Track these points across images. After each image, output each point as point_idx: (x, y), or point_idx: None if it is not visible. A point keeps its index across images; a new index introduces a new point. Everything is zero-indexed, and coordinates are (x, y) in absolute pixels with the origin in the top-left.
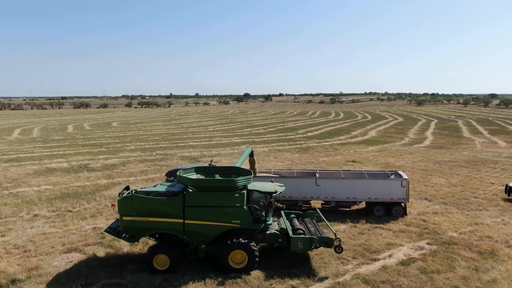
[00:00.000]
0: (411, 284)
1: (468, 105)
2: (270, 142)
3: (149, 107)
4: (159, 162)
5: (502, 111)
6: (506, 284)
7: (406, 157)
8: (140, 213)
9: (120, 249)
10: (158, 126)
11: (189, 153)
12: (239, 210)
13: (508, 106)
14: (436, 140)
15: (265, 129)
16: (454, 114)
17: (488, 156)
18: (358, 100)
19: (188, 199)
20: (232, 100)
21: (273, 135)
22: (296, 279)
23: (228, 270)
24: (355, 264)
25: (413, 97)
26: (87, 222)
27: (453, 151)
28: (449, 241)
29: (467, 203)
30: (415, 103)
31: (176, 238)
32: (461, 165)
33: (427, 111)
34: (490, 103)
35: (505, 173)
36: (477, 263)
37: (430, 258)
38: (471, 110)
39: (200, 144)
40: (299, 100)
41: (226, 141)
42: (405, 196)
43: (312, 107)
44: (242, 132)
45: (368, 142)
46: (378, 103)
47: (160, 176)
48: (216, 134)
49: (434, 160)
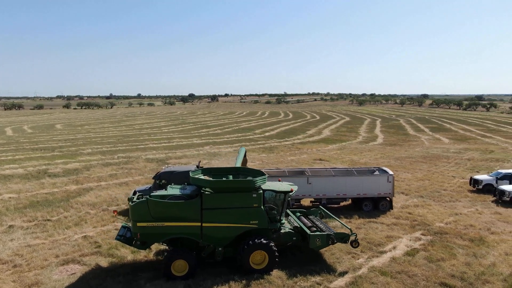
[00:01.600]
0: (424, 272)
1: (404, 104)
2: (232, 143)
3: (90, 108)
4: (126, 166)
5: (435, 111)
6: (504, 266)
7: (367, 155)
8: (156, 218)
9: (123, 258)
10: (108, 128)
11: (153, 155)
12: (256, 210)
13: (440, 105)
14: (387, 138)
15: (221, 129)
16: (394, 113)
17: (438, 152)
18: (303, 100)
19: (205, 201)
20: (177, 101)
21: (231, 136)
22: (317, 276)
23: (248, 271)
24: (366, 258)
25: (354, 97)
26: (74, 231)
27: (406, 148)
28: (439, 231)
29: (440, 195)
30: (357, 103)
31: (191, 242)
32: (419, 161)
33: (369, 110)
34: (424, 103)
35: (459, 167)
36: (473, 249)
37: (430, 248)
38: (407, 109)
39: (160, 146)
40: (245, 101)
41: (186, 142)
42: (391, 191)
43: (260, 108)
44: (199, 133)
45: (326, 141)
46: (322, 103)
47: (133, 180)
48: (173, 135)
49: (393, 157)
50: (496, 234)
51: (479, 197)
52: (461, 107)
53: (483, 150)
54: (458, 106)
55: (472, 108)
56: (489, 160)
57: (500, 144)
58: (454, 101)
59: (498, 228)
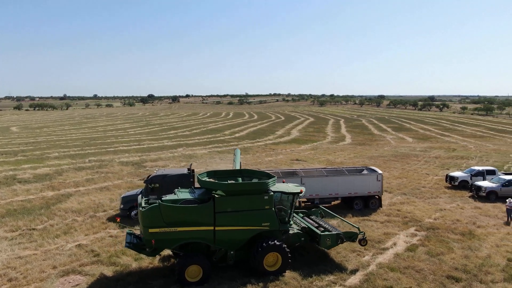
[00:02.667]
0: (429, 267)
1: (363, 105)
2: (205, 144)
3: (44, 109)
4: (100, 170)
5: (393, 111)
6: (499, 258)
7: (341, 154)
8: (169, 223)
9: (127, 265)
10: (69, 131)
11: (126, 158)
12: (268, 212)
13: (396, 106)
14: (355, 138)
15: (189, 131)
16: (355, 113)
17: (406, 151)
18: (265, 101)
19: (217, 204)
20: (136, 102)
21: (202, 137)
22: (330, 275)
23: (262, 274)
24: (371, 255)
25: (314, 98)
26: (65, 240)
27: (375, 147)
28: (431, 227)
29: (421, 192)
30: (318, 103)
31: (201, 246)
32: (391, 160)
33: (331, 111)
34: (381, 104)
35: (430, 165)
36: (466, 243)
37: (427, 243)
38: (367, 109)
39: (132, 148)
40: (207, 102)
41: (158, 145)
42: (380, 189)
43: (223, 109)
44: (167, 134)
45: (297, 141)
46: (284, 104)
47: (113, 184)
48: (141, 137)
49: (366, 156)
50: (482, 227)
51: (457, 193)
52: (416, 107)
53: (446, 149)
54: (414, 107)
55: (426, 108)
56: (454, 158)
57: (460, 143)
58: (409, 101)
59: (482, 222)
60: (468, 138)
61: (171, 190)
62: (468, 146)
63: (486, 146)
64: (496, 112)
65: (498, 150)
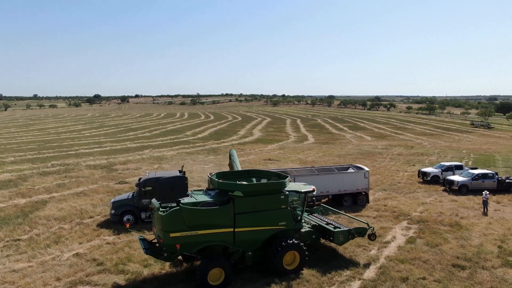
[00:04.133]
0: (433, 257)
1: (315, 105)
2: (170, 146)
3: None
4: (69, 174)
5: (344, 111)
6: (490, 245)
7: (310, 153)
8: (190, 227)
9: (139, 273)
10: (18, 133)
11: (93, 161)
12: (284, 212)
13: (347, 106)
14: (317, 137)
15: (149, 132)
16: (309, 113)
17: (369, 149)
18: (218, 101)
19: (237, 205)
20: (82, 102)
21: (164, 138)
22: (346, 270)
23: (281, 273)
24: (376, 249)
25: (266, 98)
26: (59, 250)
27: (339, 145)
28: (421, 220)
29: (398, 188)
30: (271, 103)
31: (219, 248)
32: (359, 157)
33: (285, 111)
34: (332, 103)
35: (396, 162)
36: (457, 234)
37: (423, 235)
38: (319, 109)
39: (94, 151)
40: (158, 102)
41: (121, 147)
42: (367, 186)
43: (176, 109)
44: (127, 136)
45: (262, 141)
46: (238, 104)
47: (89, 189)
48: (100, 139)
49: (334, 154)
50: (465, 218)
51: (431, 188)
52: (365, 107)
53: (405, 146)
54: (363, 106)
55: (375, 108)
56: (415, 154)
57: (414, 140)
58: (358, 101)
59: (463, 213)
60: (420, 136)
61: (165, 192)
62: (423, 143)
63: (438, 143)
64: (437, 111)
65: (450, 146)
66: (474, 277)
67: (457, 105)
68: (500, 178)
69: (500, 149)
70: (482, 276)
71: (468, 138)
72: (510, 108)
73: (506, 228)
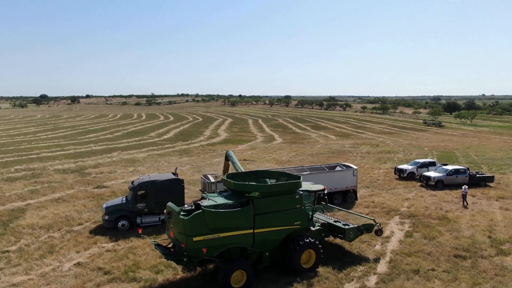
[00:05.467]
0: (434, 249)
1: (273, 105)
2: (138, 148)
3: None
4: (38, 180)
5: (302, 110)
6: (481, 235)
7: (282, 153)
8: (212, 230)
9: (153, 280)
10: None
11: (61, 165)
12: (299, 211)
13: (304, 106)
14: (284, 137)
15: (111, 134)
16: (268, 113)
17: (338, 147)
18: (175, 101)
19: (256, 206)
20: (28, 103)
21: (130, 140)
22: (359, 266)
23: (299, 272)
24: (380, 244)
25: (223, 98)
26: (57, 260)
27: (307, 145)
28: (410, 214)
29: (379, 185)
30: (229, 104)
31: (237, 250)
32: (331, 156)
33: (244, 111)
34: (290, 104)
35: (368, 160)
36: (447, 226)
37: (418, 229)
38: (277, 110)
39: (58, 154)
40: (112, 102)
41: (85, 150)
42: (356, 184)
43: (132, 109)
44: (88, 138)
45: (231, 142)
46: (195, 105)
47: (67, 194)
48: (60, 142)
49: (306, 154)
50: (450, 211)
51: (409, 184)
52: (322, 107)
53: (371, 145)
54: (320, 106)
55: (331, 108)
56: (382, 152)
57: (376, 139)
58: (315, 101)
59: (446, 207)
60: (380, 135)
61: (162, 196)
62: (386, 142)
63: (400, 141)
64: (391, 111)
65: (411, 144)
66: (476, 266)
67: (407, 105)
68: (471, 173)
69: (457, 146)
70: (484, 264)
71: (425, 136)
72: (455, 108)
73: (489, 219)
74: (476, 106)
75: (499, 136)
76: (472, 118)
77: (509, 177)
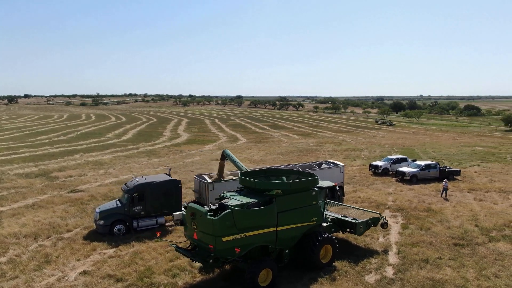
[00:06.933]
0: (433, 239)
1: (226, 105)
2: (100, 150)
3: None
4: (2, 185)
5: (256, 110)
6: (468, 225)
7: (251, 152)
8: (240, 229)
9: (174, 284)
10: None
11: (21, 170)
12: (315, 208)
13: (257, 105)
14: (247, 136)
15: (64, 135)
16: (223, 113)
17: (304, 146)
18: (123, 101)
19: (279, 204)
20: None
21: (87, 141)
22: (371, 258)
23: (318, 267)
24: (383, 237)
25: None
26: (58, 269)
27: (273, 144)
28: (398, 208)
29: (358, 181)
30: (181, 104)
31: (257, 249)
32: (301, 155)
33: (198, 111)
34: (243, 103)
35: (337, 158)
36: (436, 218)
37: (411, 221)
38: (231, 109)
39: (13, 158)
40: (54, 102)
41: (42, 152)
42: (343, 180)
43: (78, 110)
44: (40, 140)
45: (195, 142)
46: (145, 105)
47: (41, 200)
48: (10, 145)
49: (276, 153)
50: (432, 204)
51: (385, 179)
52: (275, 107)
53: (334, 143)
54: (273, 106)
55: (284, 107)
56: (348, 150)
57: (336, 137)
58: (268, 101)
59: (427, 200)
60: (339, 133)
61: (159, 198)
62: (347, 140)
63: (360, 140)
64: (341, 111)
65: (371, 142)
66: (476, 252)
67: (355, 104)
68: (441, 167)
69: (413, 143)
70: (482, 251)
71: (381, 135)
72: (401, 107)
73: (469, 210)
74: (417, 106)
75: (446, 133)
76: (418, 117)
77: (470, 171)
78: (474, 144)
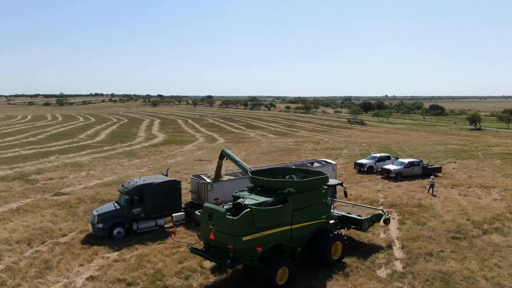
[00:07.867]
0: (432, 233)
1: (196, 105)
2: (76, 151)
3: None
4: None
5: (228, 110)
6: (460, 219)
7: (234, 152)
8: (259, 228)
9: (189, 285)
10: None
11: (1, 171)
12: (325, 205)
13: (228, 105)
14: (224, 136)
15: (33, 136)
16: (195, 113)
17: (284, 145)
18: (90, 101)
19: (293, 202)
20: None
21: (59, 143)
22: (378, 254)
23: (329, 264)
24: (384, 233)
25: (141, 98)
26: (62, 276)
27: (252, 144)
28: (391, 204)
29: (345, 179)
30: (150, 104)
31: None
32: (283, 154)
33: (169, 111)
34: (214, 103)
35: (319, 156)
36: (428, 213)
37: (406, 216)
38: (202, 109)
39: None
40: (15, 102)
41: (14, 154)
42: (335, 178)
43: (42, 110)
44: (9, 142)
45: (173, 142)
46: (113, 105)
47: (26, 203)
48: None
49: (258, 152)
50: (422, 199)
51: (371, 177)
52: (247, 107)
53: (312, 142)
54: (245, 106)
55: (256, 107)
56: (328, 149)
57: (313, 136)
58: (239, 101)
59: (416, 196)
60: (314, 133)
61: (159, 199)
62: (324, 139)
63: (336, 139)
64: (313, 110)
65: (348, 141)
66: (474, 245)
67: (325, 104)
68: (424, 165)
69: (388, 142)
70: (479, 243)
71: (355, 134)
72: (370, 107)
73: (457, 205)
74: (384, 106)
75: (417, 132)
76: (388, 116)
77: (448, 167)
78: (446, 142)
